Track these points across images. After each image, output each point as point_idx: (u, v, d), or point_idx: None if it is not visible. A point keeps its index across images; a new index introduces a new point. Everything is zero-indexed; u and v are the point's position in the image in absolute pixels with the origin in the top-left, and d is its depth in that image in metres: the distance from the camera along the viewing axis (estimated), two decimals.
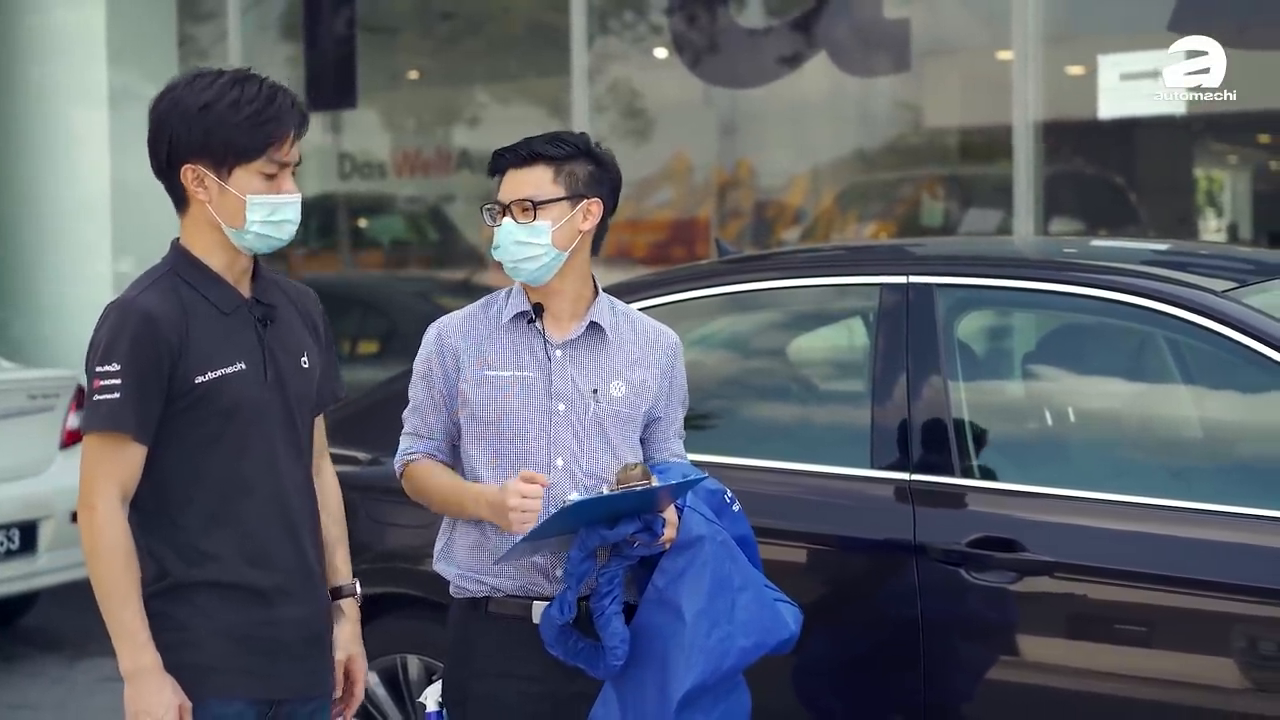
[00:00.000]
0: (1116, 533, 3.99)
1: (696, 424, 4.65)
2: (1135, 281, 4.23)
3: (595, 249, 3.69)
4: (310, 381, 3.40)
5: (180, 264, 3.27)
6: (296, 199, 3.28)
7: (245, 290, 3.32)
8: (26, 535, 7.28)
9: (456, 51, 11.60)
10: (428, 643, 4.62)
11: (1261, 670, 3.88)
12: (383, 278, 11.62)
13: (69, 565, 7.33)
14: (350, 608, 3.54)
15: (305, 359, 3.39)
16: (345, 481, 4.30)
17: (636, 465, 3.42)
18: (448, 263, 11.17)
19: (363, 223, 12.03)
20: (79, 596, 7.86)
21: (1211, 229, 9.90)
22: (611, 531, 3.38)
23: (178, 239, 3.32)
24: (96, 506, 3.16)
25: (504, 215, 3.58)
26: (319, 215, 11.99)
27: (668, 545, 3.47)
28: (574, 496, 3.45)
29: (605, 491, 3.42)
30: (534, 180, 3.57)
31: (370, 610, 4.80)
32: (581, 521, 3.38)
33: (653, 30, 10.28)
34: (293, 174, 3.30)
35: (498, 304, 3.69)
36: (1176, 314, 4.11)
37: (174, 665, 3.21)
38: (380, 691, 4.85)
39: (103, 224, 9.84)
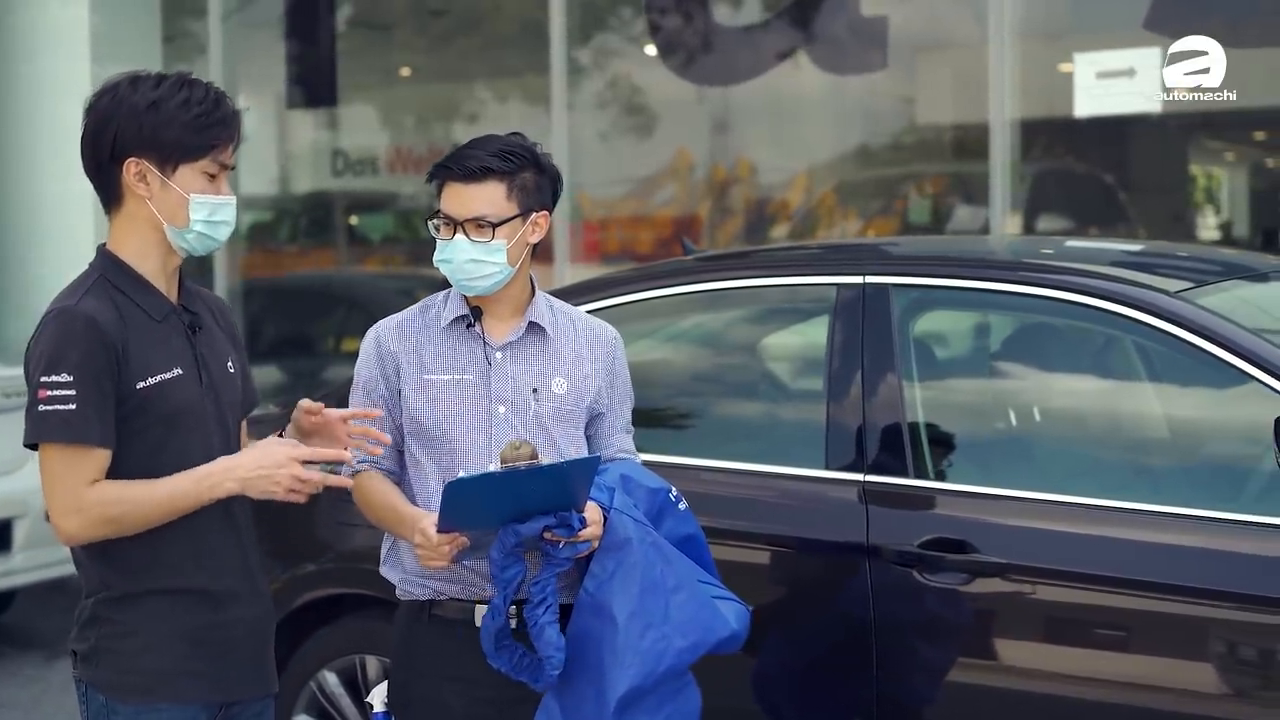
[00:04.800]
0: (1068, 535, 3.99)
1: (655, 424, 4.65)
2: (1087, 281, 4.22)
3: (533, 251, 3.67)
4: (236, 387, 3.41)
5: (110, 270, 3.26)
6: (233, 201, 3.31)
7: (173, 296, 3.32)
8: (0, 534, 7.25)
9: (448, 49, 11.60)
10: (387, 644, 4.59)
11: (1210, 672, 3.87)
12: (368, 275, 11.63)
13: (44, 564, 7.32)
14: None
15: (230, 364, 3.40)
16: None
17: (523, 444, 3.40)
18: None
19: (354, 220, 12.03)
20: (55, 595, 7.94)
21: (1201, 227, 9.89)
22: (524, 526, 3.34)
23: (104, 244, 3.31)
24: (80, 505, 3.14)
25: (455, 230, 3.55)
26: (311, 212, 12.00)
27: (595, 543, 3.44)
28: (462, 474, 3.43)
29: (490, 469, 3.39)
30: (487, 197, 3.53)
31: (330, 611, 4.85)
32: (488, 508, 3.32)
33: (635, 28, 10.27)
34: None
35: (435, 307, 3.68)
36: (1128, 314, 4.10)
37: (127, 670, 3.22)
38: (339, 692, 4.84)
39: (87, 222, 9.84)
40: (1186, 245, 7.76)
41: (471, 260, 3.53)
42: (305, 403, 3.39)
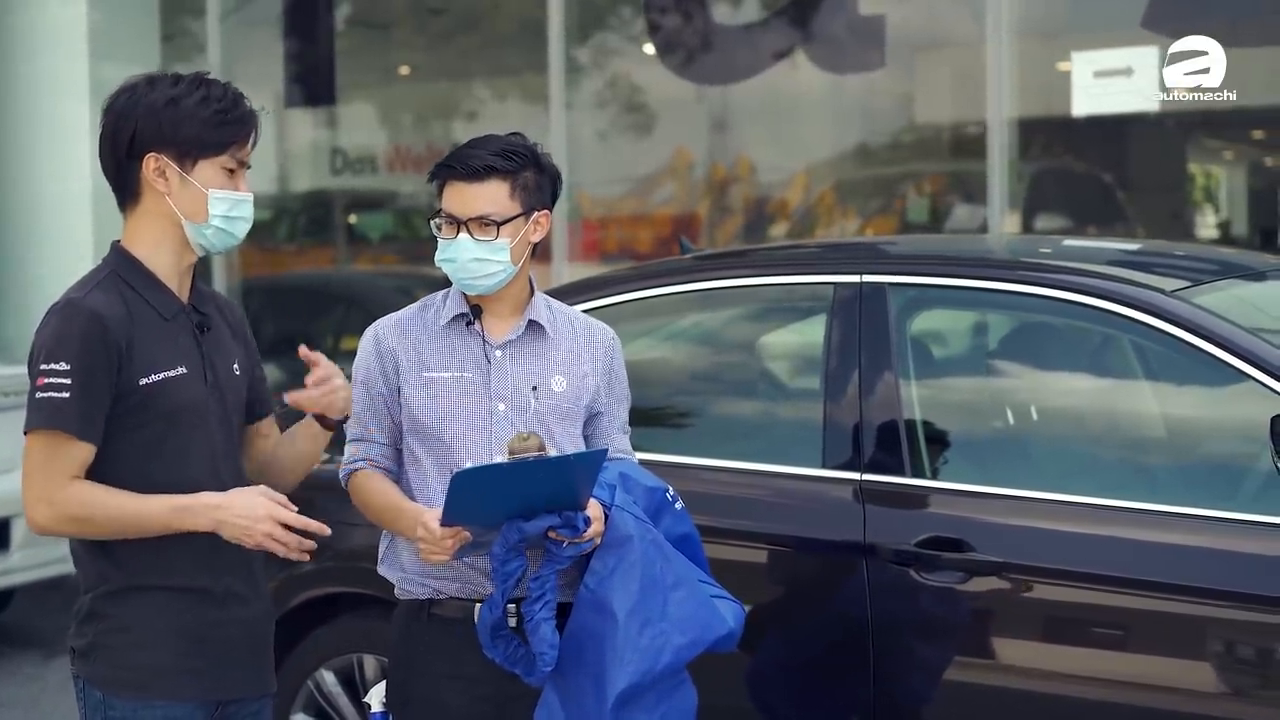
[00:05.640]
0: (1064, 534, 3.99)
1: (652, 423, 4.65)
2: (1084, 281, 4.23)
3: (533, 251, 3.68)
4: (242, 388, 3.43)
5: (122, 266, 3.29)
6: (251, 199, 3.34)
7: (185, 296, 3.34)
8: None
9: (447, 48, 11.61)
10: (385, 642, 4.60)
11: (1206, 671, 3.88)
12: (366, 274, 11.63)
13: (42, 563, 7.30)
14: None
15: (236, 367, 3.41)
16: (304, 480, 4.31)
17: (530, 435, 3.40)
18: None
19: (353, 218, 12.04)
20: (54, 594, 7.94)
21: (1200, 226, 9.90)
22: (529, 524, 3.35)
23: (118, 241, 3.33)
24: (54, 498, 3.15)
25: (459, 230, 3.55)
26: (310, 211, 12.01)
27: (597, 540, 3.45)
28: (468, 464, 3.43)
29: (497, 459, 3.40)
30: (490, 195, 3.54)
31: (328, 610, 4.85)
32: (492, 501, 3.32)
33: (634, 27, 10.28)
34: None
35: (435, 306, 3.68)
36: (1125, 313, 4.11)
37: (123, 665, 3.23)
38: (337, 691, 4.84)
39: (86, 221, 9.84)
40: (1184, 244, 7.77)
41: (475, 259, 3.54)
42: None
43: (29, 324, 3.27)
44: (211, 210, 3.26)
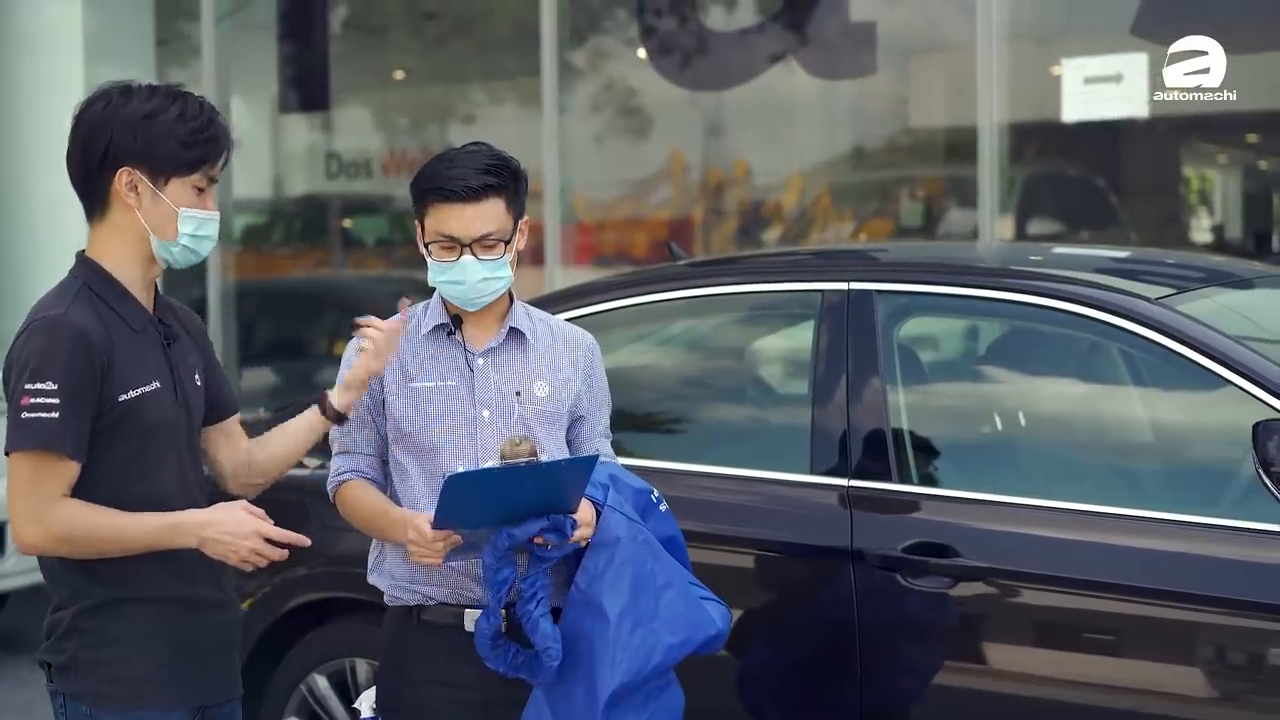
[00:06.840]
0: (1050, 539, 4.01)
1: (641, 428, 4.68)
2: (1069, 288, 4.25)
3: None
4: (202, 398, 3.44)
5: (93, 279, 3.27)
6: (218, 217, 3.35)
7: (150, 307, 3.34)
8: None
9: (442, 51, 11.63)
10: (377, 647, 4.62)
11: (1192, 676, 3.89)
12: (361, 278, 11.64)
13: (37, 568, 7.27)
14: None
15: (198, 377, 3.42)
16: (296, 485, 4.33)
17: (523, 440, 3.42)
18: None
19: (348, 222, 12.05)
20: (49, 599, 7.93)
21: (1194, 230, 9.92)
22: (518, 530, 3.37)
23: (83, 251, 3.32)
24: (45, 517, 3.14)
25: (460, 251, 3.55)
26: (305, 215, 12.02)
27: (584, 542, 3.47)
28: (460, 468, 3.45)
29: (489, 464, 3.42)
30: (490, 214, 3.54)
31: (320, 614, 4.86)
32: (484, 505, 3.34)
33: (628, 31, 10.30)
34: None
35: (415, 317, 3.70)
36: (1109, 320, 4.13)
37: (109, 679, 3.24)
38: (329, 694, 4.86)
39: (79, 220, 9.84)
40: (1174, 251, 7.78)
41: (484, 279, 3.55)
42: None
43: (20, 324, 3.25)
44: (180, 228, 3.26)
